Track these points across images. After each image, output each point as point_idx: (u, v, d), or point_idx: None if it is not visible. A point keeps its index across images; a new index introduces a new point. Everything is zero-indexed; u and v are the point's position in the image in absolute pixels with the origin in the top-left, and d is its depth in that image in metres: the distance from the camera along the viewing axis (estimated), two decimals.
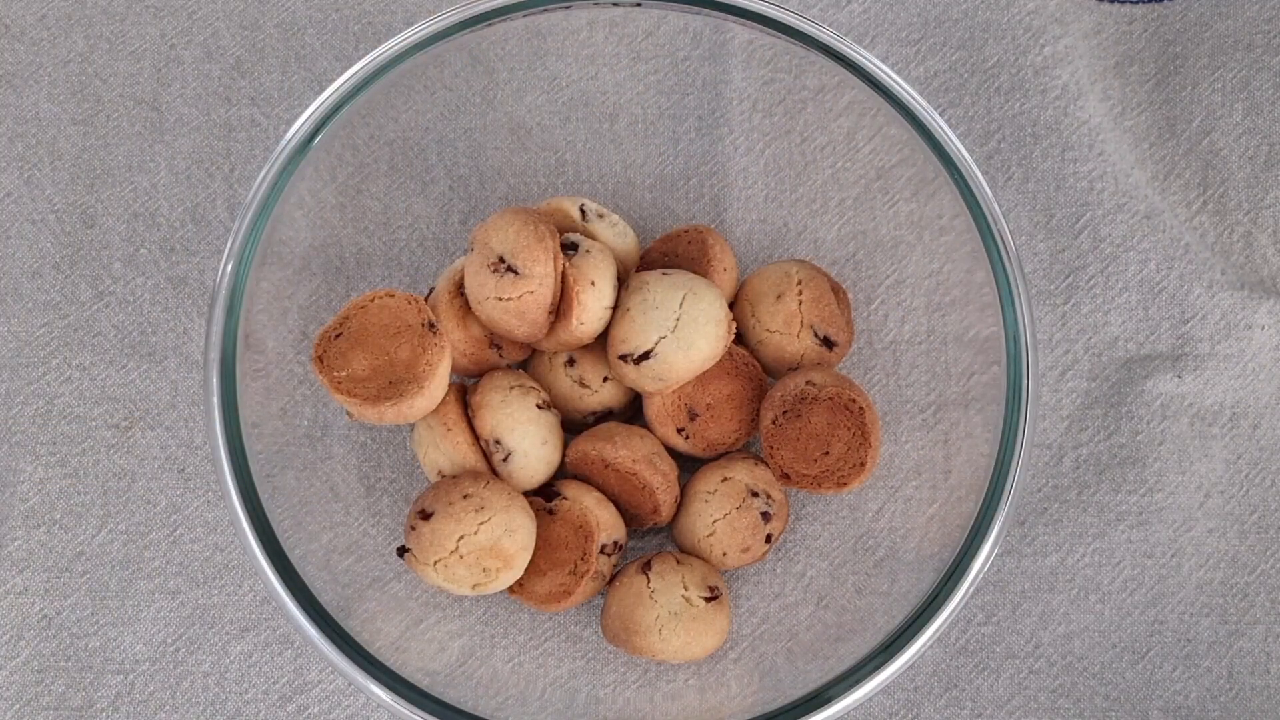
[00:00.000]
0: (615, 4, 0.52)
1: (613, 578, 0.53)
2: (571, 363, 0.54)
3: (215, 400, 0.48)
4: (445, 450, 0.51)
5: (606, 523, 0.52)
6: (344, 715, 0.54)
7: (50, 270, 0.58)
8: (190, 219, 0.58)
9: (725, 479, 0.52)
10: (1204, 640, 0.55)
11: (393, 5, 0.60)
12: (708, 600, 0.51)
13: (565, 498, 0.52)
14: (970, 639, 0.55)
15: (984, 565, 0.47)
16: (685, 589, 0.51)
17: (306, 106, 0.50)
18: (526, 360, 0.55)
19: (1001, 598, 0.55)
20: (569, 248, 0.51)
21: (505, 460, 0.51)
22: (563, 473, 0.54)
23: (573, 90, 0.58)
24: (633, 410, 0.55)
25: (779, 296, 0.53)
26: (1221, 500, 0.56)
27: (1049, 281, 0.58)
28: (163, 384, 0.57)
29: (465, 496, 0.50)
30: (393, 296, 0.50)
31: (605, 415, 0.54)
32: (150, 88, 0.59)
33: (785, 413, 0.51)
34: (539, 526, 0.51)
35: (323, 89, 0.50)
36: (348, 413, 0.51)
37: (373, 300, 0.50)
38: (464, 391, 0.53)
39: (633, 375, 0.51)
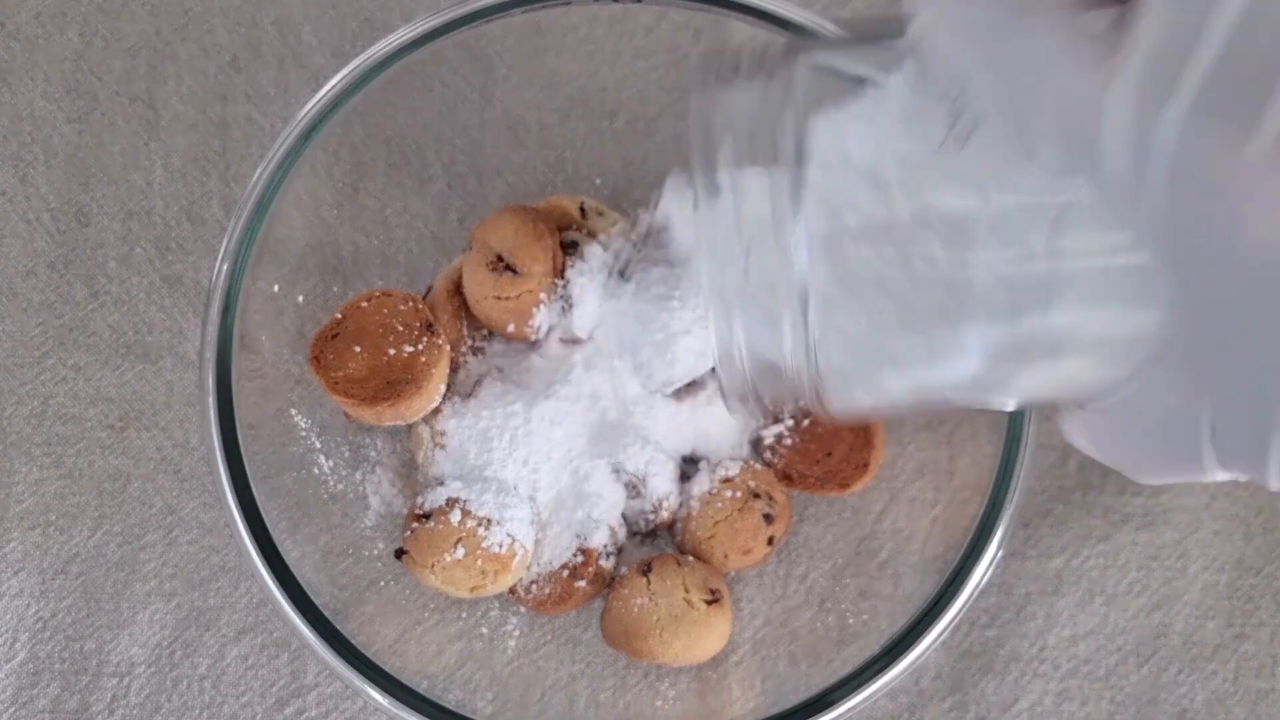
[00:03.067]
0: (615, 0, 0.52)
1: (612, 580, 0.52)
2: None
3: (211, 401, 0.48)
4: None
5: None
6: (341, 719, 0.54)
7: (45, 269, 0.58)
8: (186, 217, 0.58)
9: (726, 480, 0.52)
10: (1210, 643, 0.54)
11: (390, 2, 0.59)
12: (709, 603, 0.50)
13: None
14: (974, 642, 0.54)
15: (988, 567, 0.47)
16: (686, 591, 0.50)
17: (303, 104, 0.49)
18: None
19: (1006, 600, 0.55)
20: (569, 247, 0.50)
21: None
22: None
23: (572, 87, 0.57)
24: None
25: None
26: (1227, 502, 0.55)
27: None
28: (158, 384, 0.57)
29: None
30: (390, 296, 0.50)
31: None
32: (145, 85, 0.59)
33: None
34: None
35: (319, 86, 0.49)
36: (345, 413, 0.51)
37: (370, 299, 0.50)
38: None
39: None
